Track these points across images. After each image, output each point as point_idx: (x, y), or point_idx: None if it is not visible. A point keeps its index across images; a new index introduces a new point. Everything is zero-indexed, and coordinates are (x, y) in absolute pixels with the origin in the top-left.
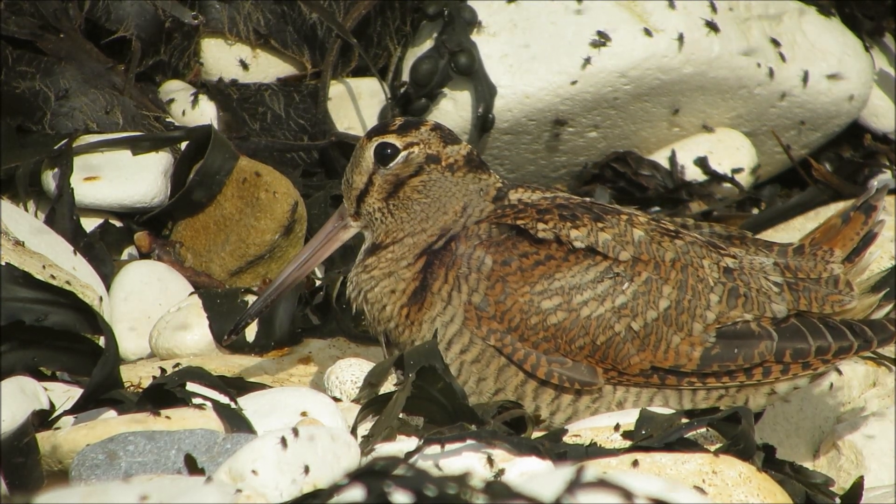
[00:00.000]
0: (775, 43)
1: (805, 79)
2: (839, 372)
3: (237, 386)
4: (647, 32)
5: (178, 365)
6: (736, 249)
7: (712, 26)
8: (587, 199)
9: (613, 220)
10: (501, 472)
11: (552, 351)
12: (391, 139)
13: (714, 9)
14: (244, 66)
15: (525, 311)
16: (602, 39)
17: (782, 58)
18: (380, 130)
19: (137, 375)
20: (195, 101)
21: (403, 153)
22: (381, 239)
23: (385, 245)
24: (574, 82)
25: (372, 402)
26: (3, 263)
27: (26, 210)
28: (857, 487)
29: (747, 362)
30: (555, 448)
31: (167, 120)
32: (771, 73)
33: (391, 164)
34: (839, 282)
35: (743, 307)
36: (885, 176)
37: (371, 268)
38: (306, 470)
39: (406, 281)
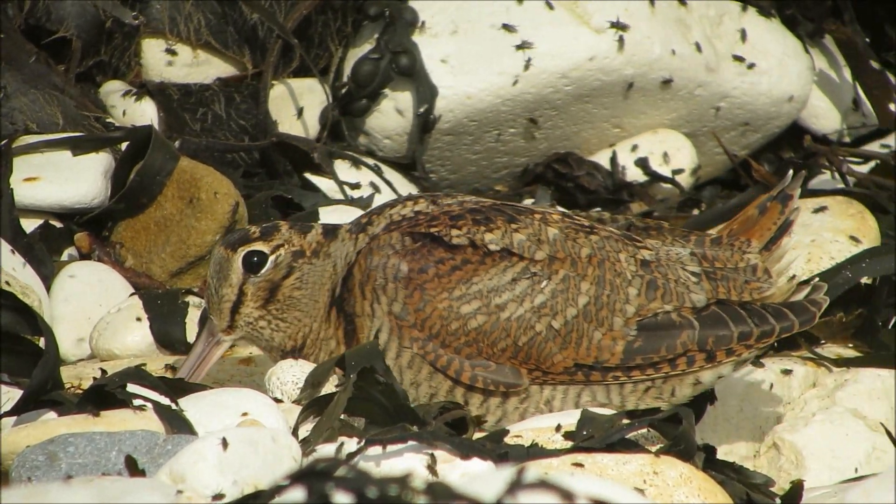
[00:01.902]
0: (716, 44)
1: (744, 80)
2: (760, 364)
3: (178, 387)
4: (589, 34)
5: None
6: (652, 241)
7: (653, 27)
8: (498, 200)
9: (527, 221)
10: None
11: (475, 355)
12: (258, 246)
13: (654, 10)
14: (185, 66)
15: (445, 318)
16: (543, 41)
17: (723, 59)
18: (243, 240)
19: (78, 377)
20: (136, 102)
21: (272, 258)
22: (292, 345)
23: (301, 347)
24: (515, 83)
25: (313, 403)
26: None
27: None
28: (797, 488)
29: (670, 353)
30: (496, 449)
31: (108, 120)
32: (711, 74)
33: (262, 272)
34: (757, 269)
35: (662, 299)
36: (825, 176)
37: (305, 357)
38: (247, 471)
39: (335, 338)
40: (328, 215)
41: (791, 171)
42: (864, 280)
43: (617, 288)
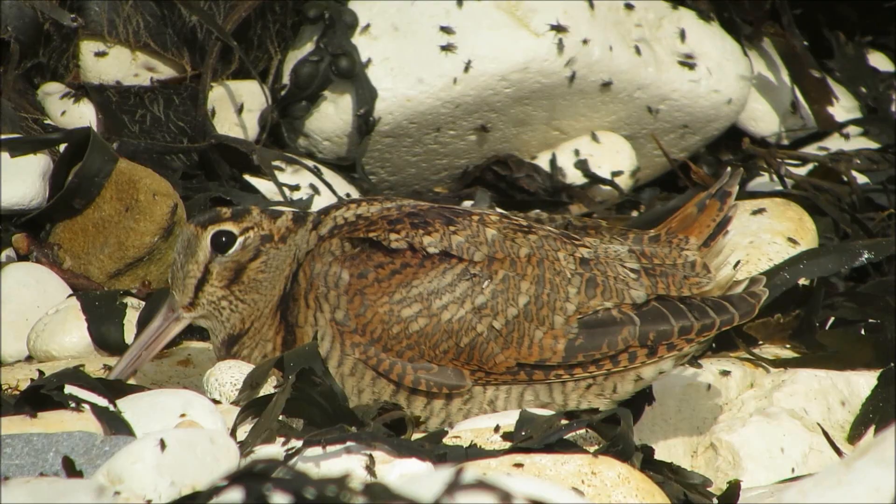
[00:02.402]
0: (655, 47)
1: (683, 83)
2: (698, 365)
3: (116, 388)
4: (528, 36)
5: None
6: (590, 239)
7: (592, 30)
8: (436, 203)
9: (465, 223)
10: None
11: (417, 358)
12: (228, 227)
13: (594, 13)
14: (124, 68)
15: (386, 322)
16: (483, 43)
17: (661, 62)
18: (214, 219)
19: (15, 378)
20: (74, 104)
21: (240, 239)
22: (240, 327)
23: (246, 330)
24: (455, 85)
25: (251, 404)
26: None
27: None
28: (734, 488)
29: (612, 349)
30: (435, 449)
31: (46, 122)
32: (651, 76)
33: (230, 252)
34: (696, 265)
35: (602, 295)
36: (763, 179)
37: (239, 352)
38: (185, 472)
39: (272, 340)
40: None
41: (729, 169)
42: (802, 281)
43: (557, 286)
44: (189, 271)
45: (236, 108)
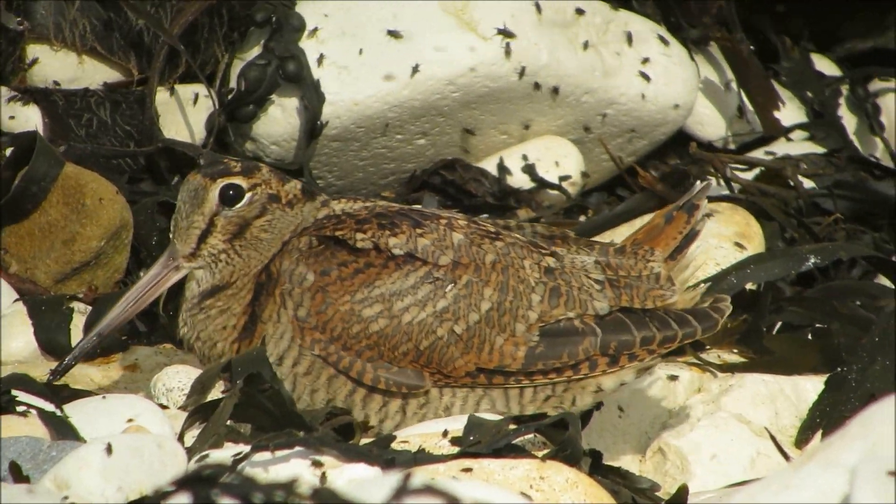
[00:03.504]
0: (602, 51)
1: (630, 87)
2: (674, 377)
3: (63, 393)
4: (476, 40)
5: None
6: (557, 249)
7: (540, 34)
8: (407, 206)
9: (432, 226)
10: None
11: (377, 358)
12: (237, 181)
13: (541, 17)
14: (70, 72)
15: (346, 320)
16: (430, 47)
17: (608, 66)
18: (224, 172)
19: None
20: (21, 107)
21: (248, 195)
22: (227, 280)
23: (229, 285)
24: (402, 89)
25: (199, 409)
26: None
27: None
28: (683, 492)
29: (572, 359)
30: (383, 454)
31: None
32: (598, 81)
33: (237, 206)
34: (660, 278)
35: (565, 305)
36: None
37: (209, 308)
38: (132, 477)
39: (237, 316)
40: None
41: (698, 183)
42: (749, 286)
43: (520, 294)
44: (193, 222)
45: (183, 113)
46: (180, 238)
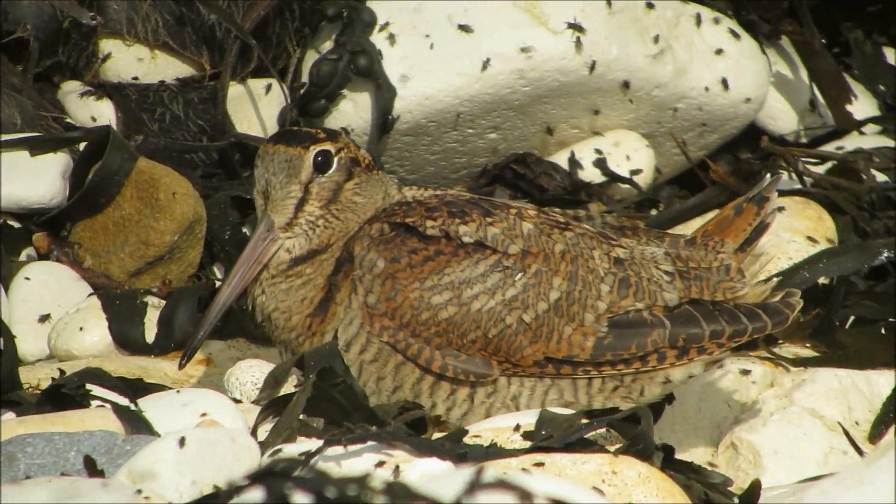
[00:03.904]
0: (673, 45)
1: (702, 81)
2: (746, 371)
3: (137, 387)
4: (546, 35)
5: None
6: (627, 240)
7: (611, 29)
8: (478, 195)
9: (502, 215)
10: (398, 467)
11: (445, 346)
12: (327, 146)
13: (612, 12)
14: (143, 66)
15: (416, 307)
16: (501, 41)
17: (679, 60)
18: (312, 139)
19: (36, 377)
20: (94, 102)
21: (336, 159)
22: (325, 242)
23: (326, 248)
24: (473, 83)
25: (272, 403)
26: None
27: None
28: (755, 487)
29: (641, 350)
30: (455, 449)
31: (66, 121)
32: (668, 75)
33: (329, 171)
34: (731, 270)
35: (634, 296)
36: (782, 177)
37: (296, 276)
38: (206, 471)
39: (317, 288)
40: None
41: (768, 175)
42: (822, 280)
43: (589, 284)
44: (290, 192)
45: (255, 107)
46: (276, 209)
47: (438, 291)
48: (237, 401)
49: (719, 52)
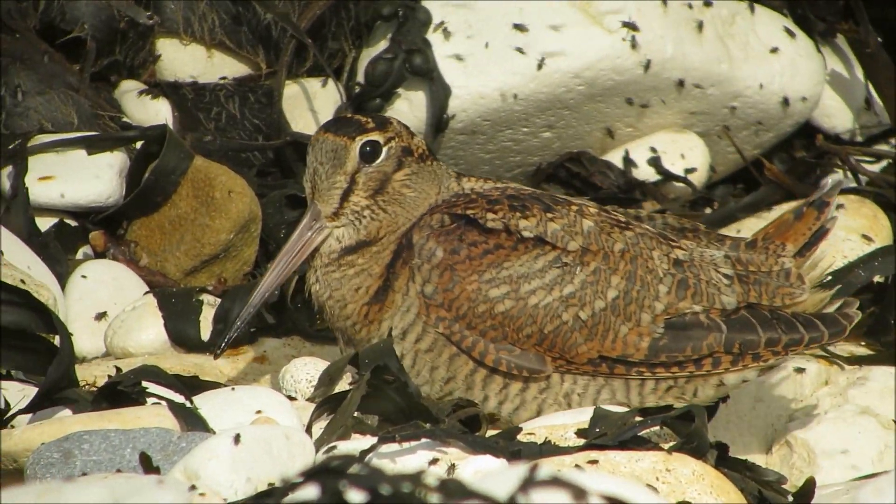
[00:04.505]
0: (728, 44)
1: (757, 79)
2: (801, 370)
3: (192, 385)
4: (601, 33)
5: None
6: (687, 242)
7: (665, 27)
8: (538, 190)
9: (563, 211)
10: (454, 465)
11: (500, 339)
12: (374, 136)
13: (667, 10)
14: (199, 66)
15: (473, 300)
16: (556, 40)
17: (734, 59)
18: (360, 129)
19: (93, 374)
20: (150, 101)
21: (385, 149)
22: (374, 234)
23: (376, 240)
24: (528, 83)
25: (327, 400)
26: None
27: None
28: (810, 485)
29: (696, 353)
30: (509, 446)
31: (122, 120)
32: (724, 73)
33: (377, 162)
34: (790, 275)
35: (692, 298)
36: (838, 175)
37: (348, 266)
38: (260, 469)
39: (374, 277)
40: None
41: (829, 179)
42: (877, 279)
43: (647, 284)
44: (335, 182)
45: (311, 106)
46: (322, 199)
47: (496, 285)
48: (292, 398)
49: (774, 50)
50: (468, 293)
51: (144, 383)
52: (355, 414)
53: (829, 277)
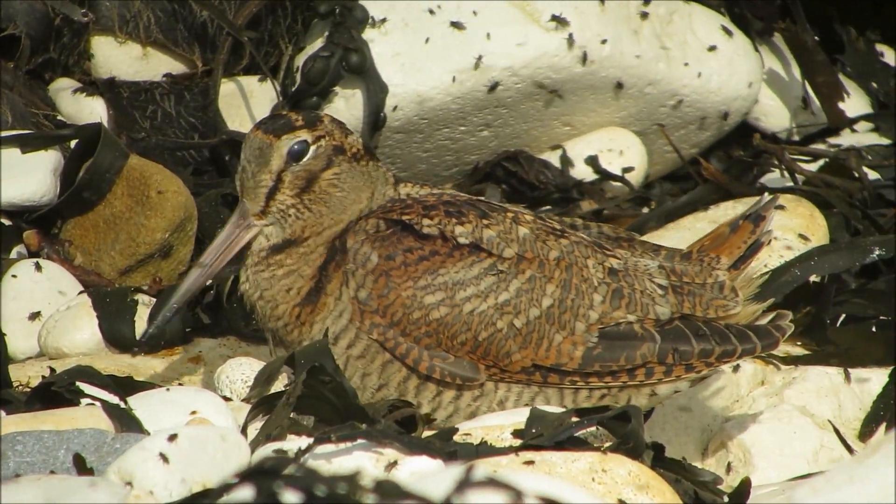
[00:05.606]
0: (666, 42)
1: (694, 78)
2: (736, 367)
3: (127, 385)
4: (539, 32)
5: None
6: (622, 251)
7: (603, 26)
8: (474, 196)
9: (499, 218)
10: (393, 464)
11: (434, 346)
12: (302, 135)
13: (605, 8)
14: (134, 64)
15: (408, 306)
16: (493, 39)
17: (672, 57)
18: (287, 127)
19: (26, 375)
20: (85, 99)
21: (313, 147)
22: (298, 234)
23: (301, 240)
24: (466, 81)
25: (262, 401)
26: None
27: None
28: (745, 485)
29: (629, 363)
30: (445, 447)
31: (57, 118)
32: (661, 72)
33: (303, 160)
34: (724, 287)
35: (626, 308)
36: (774, 175)
37: (277, 266)
38: (196, 470)
39: (304, 279)
40: None
41: (766, 194)
42: (813, 278)
43: (582, 293)
44: (261, 180)
45: (247, 104)
46: (249, 196)
47: (431, 291)
48: (227, 399)
49: (712, 49)
50: (403, 299)
51: (79, 384)
52: (291, 415)
53: (765, 278)
